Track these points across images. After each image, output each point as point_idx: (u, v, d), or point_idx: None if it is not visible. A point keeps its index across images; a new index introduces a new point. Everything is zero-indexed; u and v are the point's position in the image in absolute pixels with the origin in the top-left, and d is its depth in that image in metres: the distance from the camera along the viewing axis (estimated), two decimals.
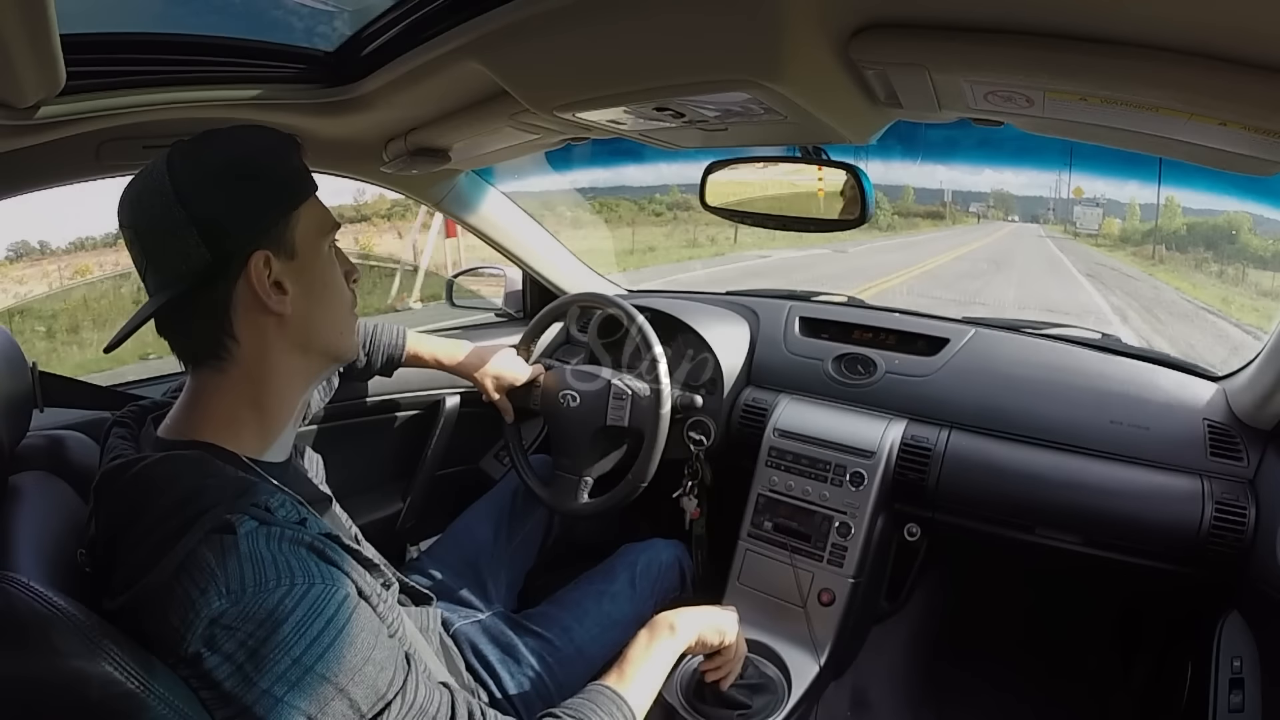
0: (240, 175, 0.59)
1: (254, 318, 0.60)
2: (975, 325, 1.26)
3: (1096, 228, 16.59)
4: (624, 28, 0.60)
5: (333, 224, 0.66)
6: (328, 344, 0.66)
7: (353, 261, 0.69)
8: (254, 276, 0.59)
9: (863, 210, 0.87)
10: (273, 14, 0.84)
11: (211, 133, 0.60)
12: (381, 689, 0.54)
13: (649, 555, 1.13)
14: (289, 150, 0.63)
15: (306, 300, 0.62)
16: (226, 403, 0.62)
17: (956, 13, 0.51)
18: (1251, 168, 0.60)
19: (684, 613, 0.81)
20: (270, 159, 0.61)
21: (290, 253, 0.61)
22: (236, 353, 0.61)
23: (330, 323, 0.66)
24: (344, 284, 0.67)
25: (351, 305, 0.69)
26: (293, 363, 0.64)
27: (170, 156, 0.58)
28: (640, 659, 0.74)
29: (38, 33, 0.48)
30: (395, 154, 1.04)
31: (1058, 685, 1.30)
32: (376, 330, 1.12)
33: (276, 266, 0.60)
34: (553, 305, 1.30)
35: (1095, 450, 1.04)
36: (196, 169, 0.58)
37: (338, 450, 0.88)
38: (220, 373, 0.61)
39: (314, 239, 0.63)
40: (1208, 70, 0.47)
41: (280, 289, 0.61)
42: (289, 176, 0.62)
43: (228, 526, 0.51)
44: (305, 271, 0.62)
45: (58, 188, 0.91)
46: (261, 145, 0.62)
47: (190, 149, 0.59)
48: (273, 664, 0.49)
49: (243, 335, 0.60)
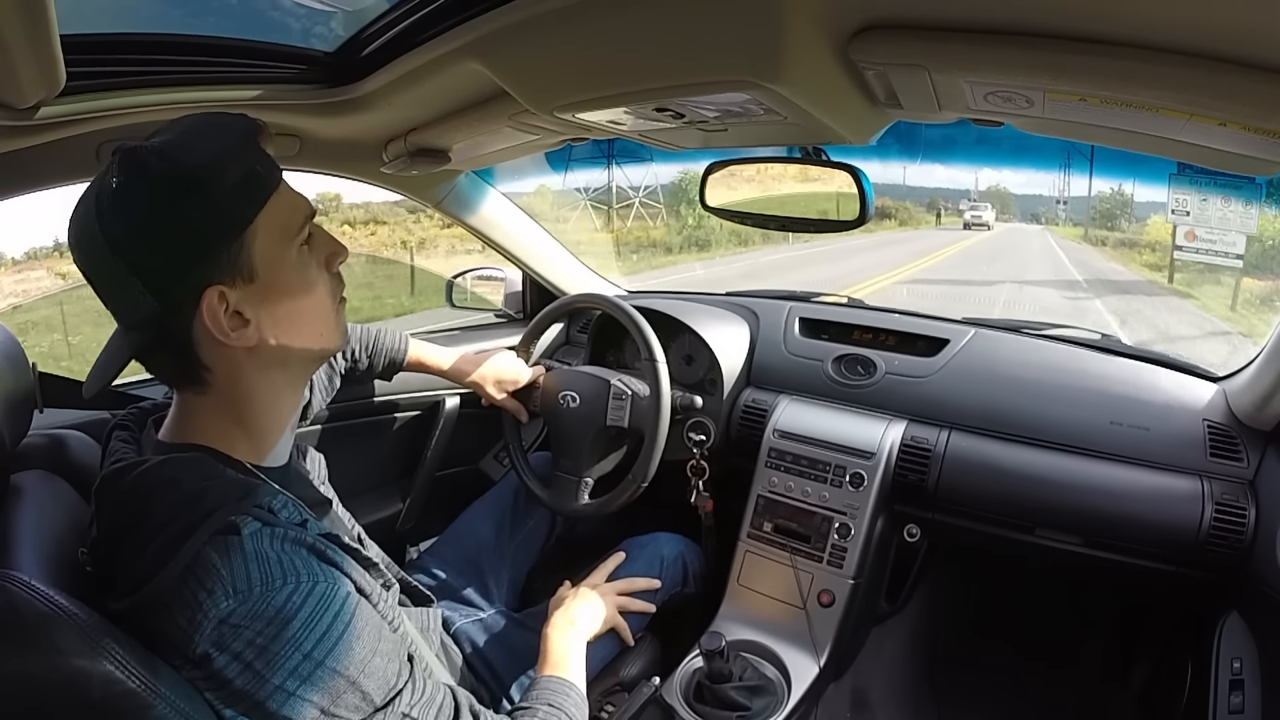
0: (176, 209, 0.52)
1: (220, 348, 0.57)
2: (975, 326, 1.26)
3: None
4: (624, 28, 0.60)
5: (304, 216, 0.59)
6: (307, 350, 0.62)
7: (336, 240, 0.62)
8: (207, 317, 0.54)
9: (863, 210, 0.87)
10: (272, 15, 0.84)
11: (139, 149, 0.52)
12: (391, 679, 0.55)
13: (653, 550, 1.13)
14: (241, 148, 0.55)
15: (275, 319, 0.58)
16: (214, 420, 0.60)
17: (956, 13, 0.51)
18: (1251, 168, 0.61)
19: (571, 612, 0.93)
20: (214, 172, 0.53)
21: (249, 275, 0.55)
22: (211, 380, 0.58)
23: (307, 330, 0.61)
24: (322, 279, 0.61)
25: (335, 293, 0.63)
26: (272, 378, 0.61)
27: (98, 197, 0.52)
28: (573, 652, 0.86)
29: (38, 33, 0.48)
30: (395, 154, 1.04)
31: (1058, 686, 1.30)
32: (379, 335, 1.13)
33: (234, 296, 0.55)
34: (552, 306, 1.30)
35: (1095, 451, 1.04)
36: (127, 211, 0.52)
37: (337, 451, 0.89)
38: (201, 395, 0.59)
39: (277, 249, 0.57)
40: (1208, 70, 0.47)
41: (241, 319, 0.56)
42: (237, 187, 0.54)
43: (232, 528, 0.51)
44: (270, 290, 0.57)
45: (58, 188, 0.91)
46: (204, 155, 0.53)
47: (115, 186, 0.51)
48: (284, 660, 0.50)
49: (214, 364, 0.58)
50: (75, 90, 0.65)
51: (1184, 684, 1.03)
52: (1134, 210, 13.46)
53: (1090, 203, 14.16)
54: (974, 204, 15.85)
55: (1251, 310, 6.85)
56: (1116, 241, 12.99)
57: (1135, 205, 13.45)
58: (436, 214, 1.38)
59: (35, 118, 0.64)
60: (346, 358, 1.09)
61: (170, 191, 0.52)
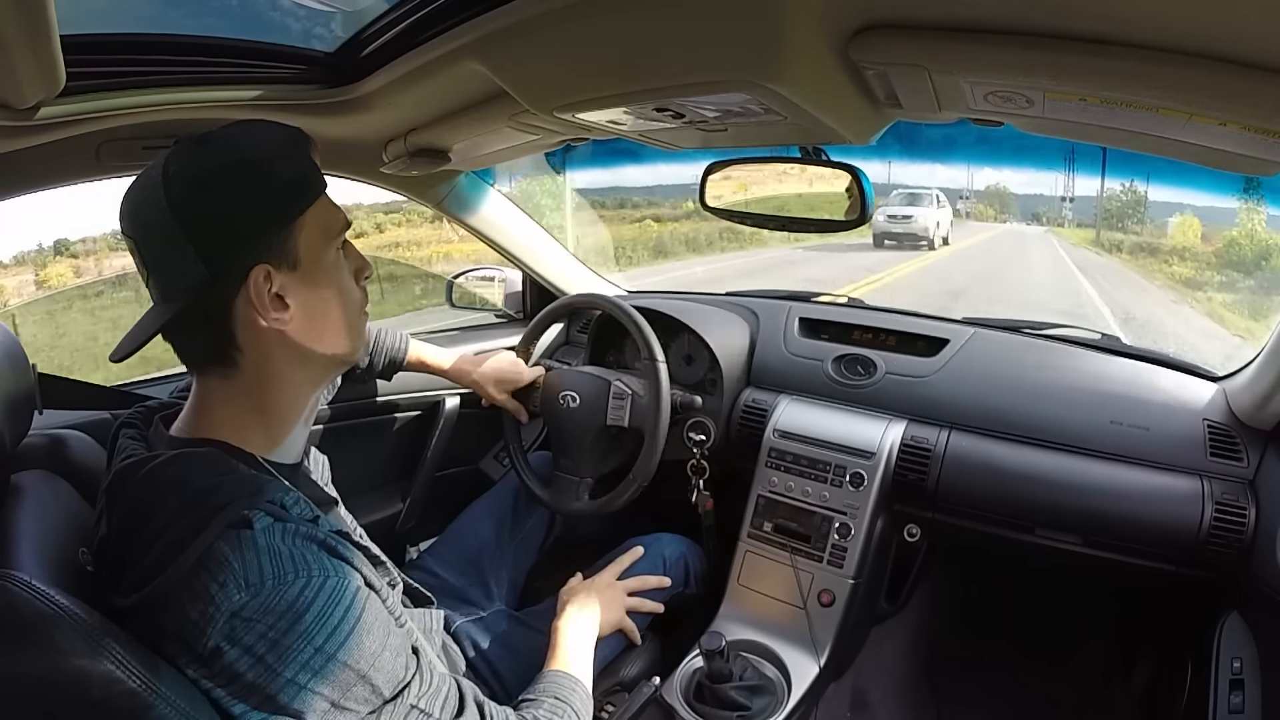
0: (237, 187, 0.56)
1: (256, 329, 0.59)
2: (975, 326, 1.26)
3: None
4: (624, 28, 0.60)
5: (342, 225, 0.64)
6: (333, 351, 0.64)
7: (365, 257, 0.67)
8: (253, 292, 0.57)
9: (863, 210, 0.87)
10: (272, 15, 0.84)
11: (209, 136, 0.58)
12: (399, 672, 0.56)
13: (654, 550, 1.13)
14: (294, 151, 0.60)
15: (309, 311, 0.61)
16: (233, 408, 0.62)
17: (956, 13, 0.51)
18: (1251, 168, 0.61)
19: (585, 607, 0.94)
20: (271, 165, 0.58)
21: (293, 262, 0.59)
22: (241, 361, 0.60)
23: (335, 331, 0.64)
24: (352, 286, 0.65)
25: (361, 306, 0.67)
26: (296, 371, 0.63)
27: (166, 166, 0.56)
28: (582, 648, 0.87)
29: (38, 33, 0.48)
30: (395, 155, 1.04)
31: (1057, 686, 1.30)
32: (380, 334, 1.14)
33: (278, 279, 0.58)
34: (552, 306, 1.31)
35: (1095, 451, 1.04)
36: (192, 181, 0.55)
37: (338, 451, 0.89)
38: (226, 379, 0.61)
39: (319, 245, 0.61)
40: (1208, 70, 0.47)
41: (281, 302, 0.59)
42: (291, 183, 0.59)
43: (244, 521, 0.52)
44: (309, 281, 0.60)
45: (58, 188, 0.91)
46: (262, 149, 0.59)
47: (185, 157, 0.56)
48: (296, 653, 0.50)
49: (246, 345, 0.59)
50: (75, 90, 0.65)
51: (1184, 684, 1.03)
52: (1149, 210, 11.18)
53: (1098, 201, 11.97)
54: (908, 196, 10.14)
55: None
56: (1134, 246, 10.53)
57: (1150, 204, 11.16)
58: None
59: (35, 118, 0.64)
60: None
61: (237, 171, 0.57)
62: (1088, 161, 11.70)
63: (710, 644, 0.92)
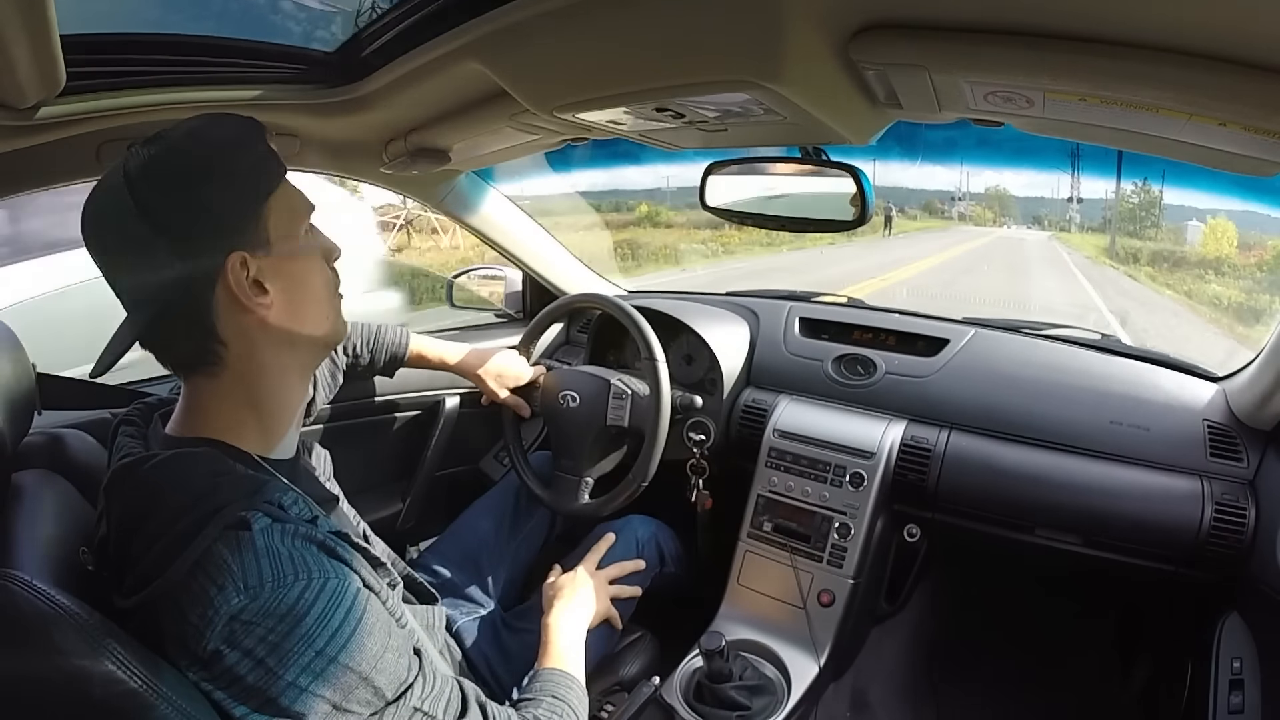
0: (203, 176, 0.56)
1: (238, 319, 0.58)
2: (975, 326, 1.26)
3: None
4: (624, 28, 0.60)
5: (307, 206, 0.64)
6: (314, 332, 0.64)
7: (331, 240, 0.67)
8: (232, 280, 0.57)
9: (863, 210, 0.87)
10: (273, 15, 0.84)
11: (163, 134, 0.57)
12: (401, 674, 0.56)
13: (627, 534, 1.13)
14: (252, 138, 0.60)
15: (288, 294, 0.61)
16: (225, 406, 0.61)
17: (956, 13, 0.51)
18: (1251, 168, 0.60)
19: (571, 601, 0.94)
20: (232, 152, 0.58)
21: (266, 246, 0.59)
22: (227, 356, 0.59)
23: (316, 310, 0.64)
24: (324, 266, 0.66)
25: (335, 286, 0.67)
26: (282, 357, 0.63)
27: (126, 167, 0.55)
28: (574, 643, 0.88)
29: (38, 33, 0.48)
30: (395, 154, 1.04)
31: (1057, 686, 1.30)
32: (380, 330, 1.14)
33: (254, 265, 0.58)
34: (552, 306, 1.30)
35: (1095, 451, 1.04)
36: (155, 177, 0.55)
37: (339, 450, 0.89)
38: (213, 378, 0.60)
39: (288, 226, 0.61)
40: (1208, 70, 0.47)
41: (260, 288, 0.59)
42: (254, 167, 0.59)
43: (243, 523, 0.51)
44: (284, 263, 0.60)
45: (57, 188, 0.91)
46: (221, 139, 0.59)
47: (146, 156, 0.56)
48: (297, 656, 0.50)
49: (230, 338, 0.59)
50: (75, 90, 0.65)
51: (1184, 684, 1.03)
52: (1164, 213, 9.64)
53: (1113, 203, 10.47)
54: None
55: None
56: (1153, 255, 9.08)
57: (1166, 208, 9.69)
58: None
59: (35, 118, 0.64)
60: (348, 353, 1.10)
61: (200, 162, 0.56)
62: (1095, 161, 10.65)
63: (710, 644, 0.92)
